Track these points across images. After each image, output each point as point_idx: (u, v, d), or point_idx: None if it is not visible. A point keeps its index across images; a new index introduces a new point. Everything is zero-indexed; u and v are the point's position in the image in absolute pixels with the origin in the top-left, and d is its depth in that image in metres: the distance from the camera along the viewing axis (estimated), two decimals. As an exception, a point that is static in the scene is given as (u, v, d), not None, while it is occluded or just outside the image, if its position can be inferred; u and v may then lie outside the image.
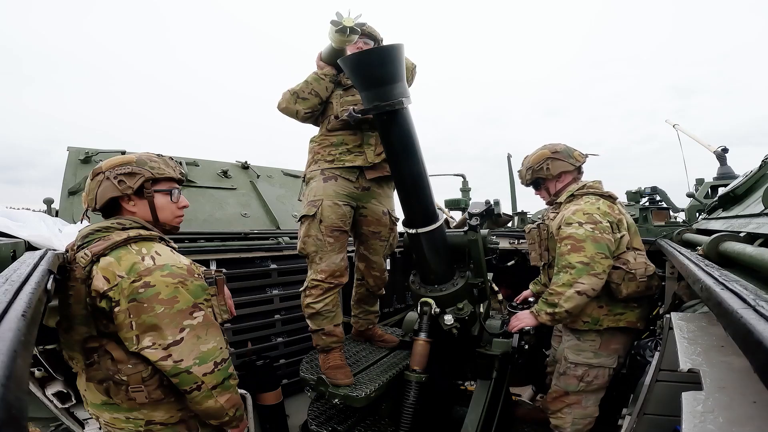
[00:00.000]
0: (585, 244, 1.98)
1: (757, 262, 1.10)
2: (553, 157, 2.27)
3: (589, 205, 2.10)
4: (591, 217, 2.04)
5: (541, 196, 2.46)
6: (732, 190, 2.39)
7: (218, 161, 3.68)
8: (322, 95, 2.11)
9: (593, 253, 1.97)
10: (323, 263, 2.09)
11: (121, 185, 1.39)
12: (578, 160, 2.29)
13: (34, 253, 1.16)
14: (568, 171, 2.28)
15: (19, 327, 0.58)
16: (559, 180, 2.31)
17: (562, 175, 2.29)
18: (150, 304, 1.25)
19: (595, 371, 2.17)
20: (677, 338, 1.02)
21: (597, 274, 1.96)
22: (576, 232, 2.02)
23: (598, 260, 1.96)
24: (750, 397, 0.66)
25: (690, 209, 4.04)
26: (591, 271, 1.95)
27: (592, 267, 1.95)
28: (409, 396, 1.97)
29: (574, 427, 2.19)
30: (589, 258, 1.96)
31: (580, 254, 1.98)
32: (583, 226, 2.02)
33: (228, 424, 1.41)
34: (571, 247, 2.01)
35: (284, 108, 2.15)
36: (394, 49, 1.62)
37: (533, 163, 2.33)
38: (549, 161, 2.27)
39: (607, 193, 2.21)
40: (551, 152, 2.28)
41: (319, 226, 2.07)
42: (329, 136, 2.18)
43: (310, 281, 2.12)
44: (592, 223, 2.02)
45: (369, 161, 2.12)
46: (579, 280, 1.95)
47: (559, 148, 2.29)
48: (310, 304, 2.12)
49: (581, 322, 2.16)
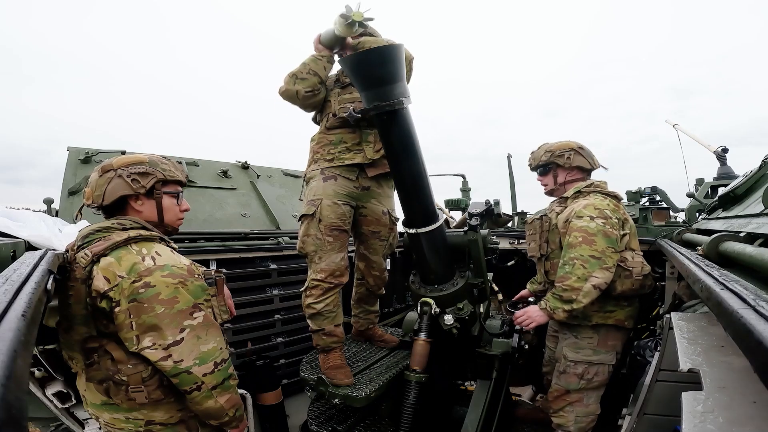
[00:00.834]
0: (596, 237, 2.00)
1: (757, 262, 1.10)
2: (578, 151, 2.31)
3: (599, 200, 2.14)
4: (602, 212, 2.07)
5: (543, 182, 2.46)
6: (732, 190, 2.39)
7: (218, 161, 3.68)
8: (321, 75, 2.10)
9: (604, 247, 1.98)
10: (323, 263, 2.09)
11: (134, 184, 1.40)
12: (596, 165, 2.35)
13: (34, 253, 1.16)
14: (584, 168, 2.32)
15: (19, 327, 0.58)
16: (570, 173, 2.34)
17: (576, 170, 2.32)
18: (150, 304, 1.25)
19: (595, 368, 2.18)
20: (677, 338, 1.02)
21: (608, 267, 1.98)
22: (588, 225, 2.04)
23: (609, 254, 1.98)
24: (750, 397, 0.66)
25: (690, 209, 4.04)
26: (603, 265, 1.97)
27: (604, 261, 1.97)
28: (409, 396, 1.97)
29: (577, 425, 2.20)
30: (600, 252, 1.98)
31: (592, 247, 1.99)
32: (594, 220, 2.04)
33: (228, 424, 1.41)
34: (583, 240, 2.01)
35: (284, 91, 2.12)
36: (394, 49, 1.62)
37: (556, 149, 2.35)
38: (572, 152, 2.31)
39: (613, 193, 2.25)
40: (577, 146, 2.33)
41: (318, 225, 2.08)
42: (328, 134, 2.18)
43: (310, 281, 2.12)
44: (603, 218, 2.04)
45: (368, 158, 2.11)
46: (594, 274, 1.96)
47: (585, 146, 2.35)
48: (311, 305, 2.12)
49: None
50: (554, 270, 2.23)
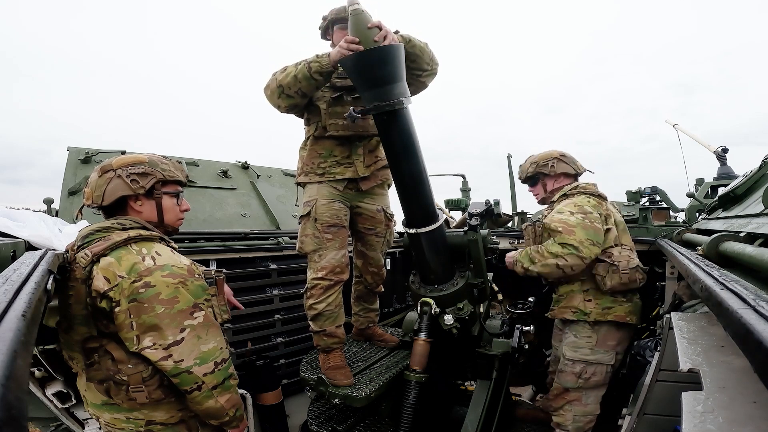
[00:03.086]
0: (576, 229, 2.13)
1: (757, 262, 1.10)
2: (560, 159, 2.45)
3: (580, 199, 2.26)
4: (582, 209, 2.20)
5: (534, 193, 2.59)
6: (732, 190, 2.40)
7: (218, 161, 3.68)
8: (309, 95, 1.99)
9: (583, 238, 2.11)
10: (323, 260, 2.09)
11: (134, 184, 1.39)
12: (579, 170, 2.48)
13: (34, 253, 1.16)
14: (568, 174, 2.46)
15: (19, 327, 0.58)
16: (557, 180, 2.46)
17: (561, 176, 2.46)
18: (150, 304, 1.25)
19: (593, 368, 2.19)
20: (677, 338, 1.02)
21: (583, 258, 2.11)
22: (567, 218, 2.17)
23: (587, 245, 2.10)
24: (750, 397, 0.66)
25: (690, 209, 4.04)
26: (578, 254, 2.10)
27: (580, 251, 2.10)
28: (409, 396, 1.97)
29: (575, 424, 2.21)
30: (578, 242, 2.10)
31: (572, 236, 2.11)
32: (574, 215, 2.18)
33: (228, 424, 1.41)
34: (563, 230, 2.14)
35: (268, 96, 2.03)
36: (394, 49, 1.62)
37: (540, 159, 2.50)
38: (555, 160, 2.45)
39: (597, 193, 2.35)
40: (559, 154, 2.47)
41: (315, 224, 2.09)
42: (316, 145, 2.15)
43: (310, 281, 2.12)
44: (582, 213, 2.18)
45: (359, 174, 2.13)
46: (565, 257, 2.11)
47: (568, 154, 2.49)
48: (313, 305, 2.12)
49: (570, 312, 2.26)
50: None
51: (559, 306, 2.34)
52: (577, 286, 2.28)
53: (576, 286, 2.28)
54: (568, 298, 2.30)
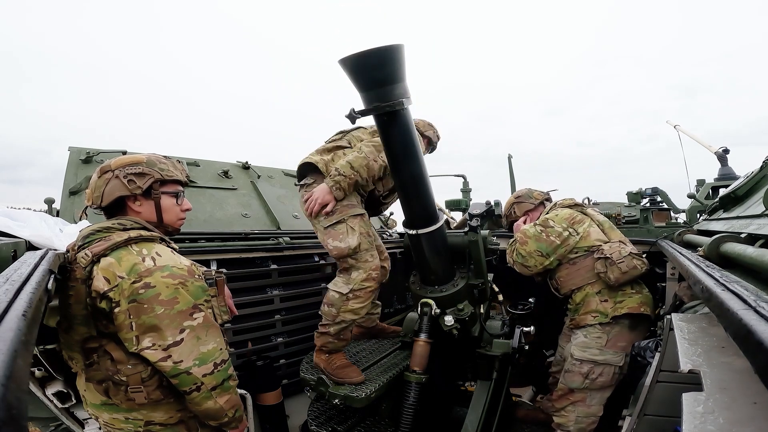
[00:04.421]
0: (530, 240, 2.36)
1: (758, 263, 1.09)
2: (516, 202, 2.76)
3: (552, 213, 2.45)
4: (545, 222, 2.39)
5: None
6: (733, 191, 2.39)
7: (219, 161, 3.67)
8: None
9: (533, 249, 2.34)
10: (374, 260, 2.07)
11: (130, 185, 1.39)
12: (537, 199, 2.72)
13: (35, 253, 1.16)
14: (530, 209, 2.70)
15: (20, 327, 0.58)
16: (530, 214, 2.70)
17: (527, 213, 2.71)
18: (150, 304, 1.25)
19: (600, 368, 2.18)
20: (678, 339, 1.02)
21: (528, 267, 2.38)
22: (528, 229, 2.41)
23: (534, 257, 2.34)
24: (751, 397, 0.66)
25: (691, 210, 4.04)
26: (525, 263, 2.37)
27: (527, 260, 2.36)
28: (409, 396, 1.97)
29: (577, 425, 2.20)
30: (527, 253, 2.35)
31: (523, 247, 2.36)
32: (535, 227, 2.39)
33: (227, 424, 1.41)
34: (519, 240, 2.40)
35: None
36: (395, 50, 1.61)
37: (505, 211, 2.87)
38: (514, 206, 2.76)
39: (574, 203, 2.53)
40: (515, 198, 2.79)
41: (368, 221, 2.12)
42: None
43: (360, 283, 2.03)
44: (543, 226, 2.37)
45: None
46: (515, 261, 2.42)
47: (521, 193, 2.79)
48: (357, 309, 2.05)
49: (591, 317, 2.28)
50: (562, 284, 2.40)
51: (579, 314, 2.35)
52: (590, 290, 2.31)
53: (589, 290, 2.31)
54: (586, 304, 2.32)
